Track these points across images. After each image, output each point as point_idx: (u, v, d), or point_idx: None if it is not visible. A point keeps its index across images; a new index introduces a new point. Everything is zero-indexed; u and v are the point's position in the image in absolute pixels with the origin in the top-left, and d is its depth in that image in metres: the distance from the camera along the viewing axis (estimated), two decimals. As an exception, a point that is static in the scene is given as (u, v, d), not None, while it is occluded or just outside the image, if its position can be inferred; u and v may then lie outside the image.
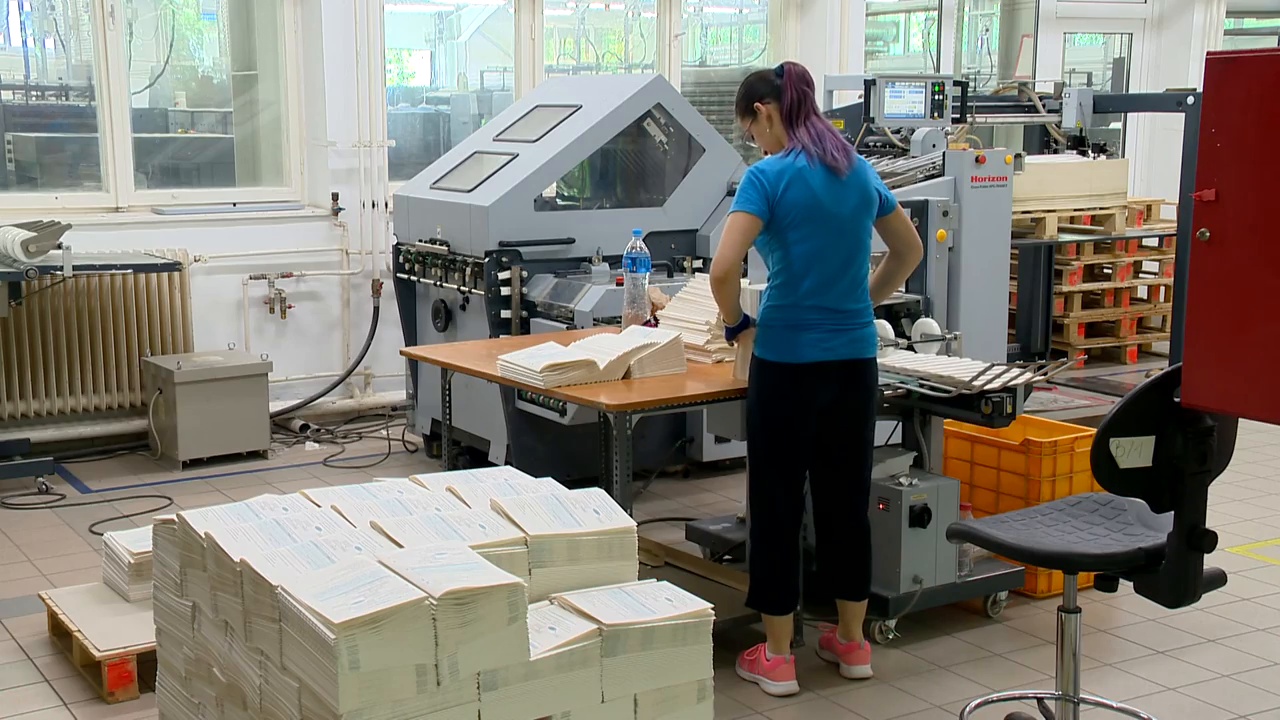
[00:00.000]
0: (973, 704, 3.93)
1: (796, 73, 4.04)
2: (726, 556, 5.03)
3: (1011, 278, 7.35)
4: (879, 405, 4.28)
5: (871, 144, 7.52)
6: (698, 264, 6.36)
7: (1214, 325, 2.76)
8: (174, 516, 3.28)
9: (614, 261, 5.96)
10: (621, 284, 5.08)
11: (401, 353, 5.87)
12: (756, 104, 4.05)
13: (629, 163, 6.91)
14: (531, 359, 4.30)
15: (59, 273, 6.05)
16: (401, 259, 6.63)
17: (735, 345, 4.25)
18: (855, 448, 4.16)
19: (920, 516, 4.35)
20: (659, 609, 3.03)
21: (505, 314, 5.99)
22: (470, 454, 6.24)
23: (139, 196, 7.19)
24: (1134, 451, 3.04)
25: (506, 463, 5.77)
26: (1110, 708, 3.94)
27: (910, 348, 4.76)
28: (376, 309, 7.56)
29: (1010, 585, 4.68)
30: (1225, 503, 5.88)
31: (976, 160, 6.30)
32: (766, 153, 4.12)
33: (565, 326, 5.73)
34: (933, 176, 6.60)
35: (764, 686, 4.12)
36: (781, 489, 4.10)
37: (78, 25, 7.42)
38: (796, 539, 4.16)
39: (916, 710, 4.00)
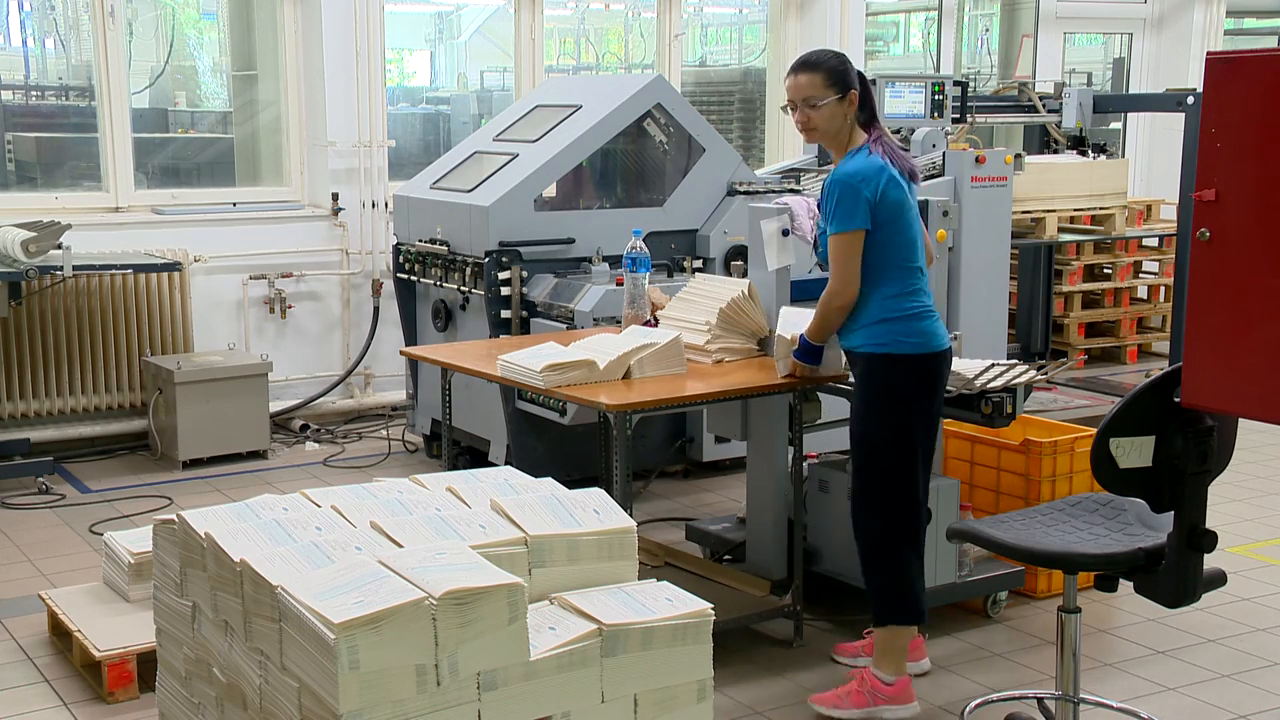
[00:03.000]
0: (973, 704, 3.93)
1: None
2: (726, 556, 5.03)
3: (1011, 278, 7.36)
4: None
5: (871, 144, 7.51)
6: (698, 264, 6.36)
7: (1214, 325, 2.76)
8: (174, 516, 3.28)
9: (614, 261, 5.96)
10: (621, 284, 5.08)
11: (401, 353, 5.87)
12: (852, 90, 3.86)
13: (629, 163, 6.91)
14: (531, 359, 4.30)
15: (59, 273, 6.05)
16: (401, 259, 6.63)
17: (784, 362, 4.13)
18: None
19: (920, 516, 4.35)
20: (659, 609, 3.03)
21: (505, 314, 5.99)
22: (470, 454, 6.24)
23: (139, 196, 7.19)
24: (1134, 451, 3.04)
25: (506, 463, 5.77)
26: (1110, 708, 3.94)
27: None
28: (376, 309, 7.57)
29: (1010, 585, 4.68)
30: (1225, 503, 5.88)
31: (976, 160, 6.30)
32: (821, 141, 3.98)
33: (565, 326, 5.73)
34: (933, 176, 6.60)
35: (890, 714, 3.89)
36: (916, 486, 3.93)
37: (78, 25, 7.42)
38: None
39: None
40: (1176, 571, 3.12)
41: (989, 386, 4.13)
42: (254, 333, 7.33)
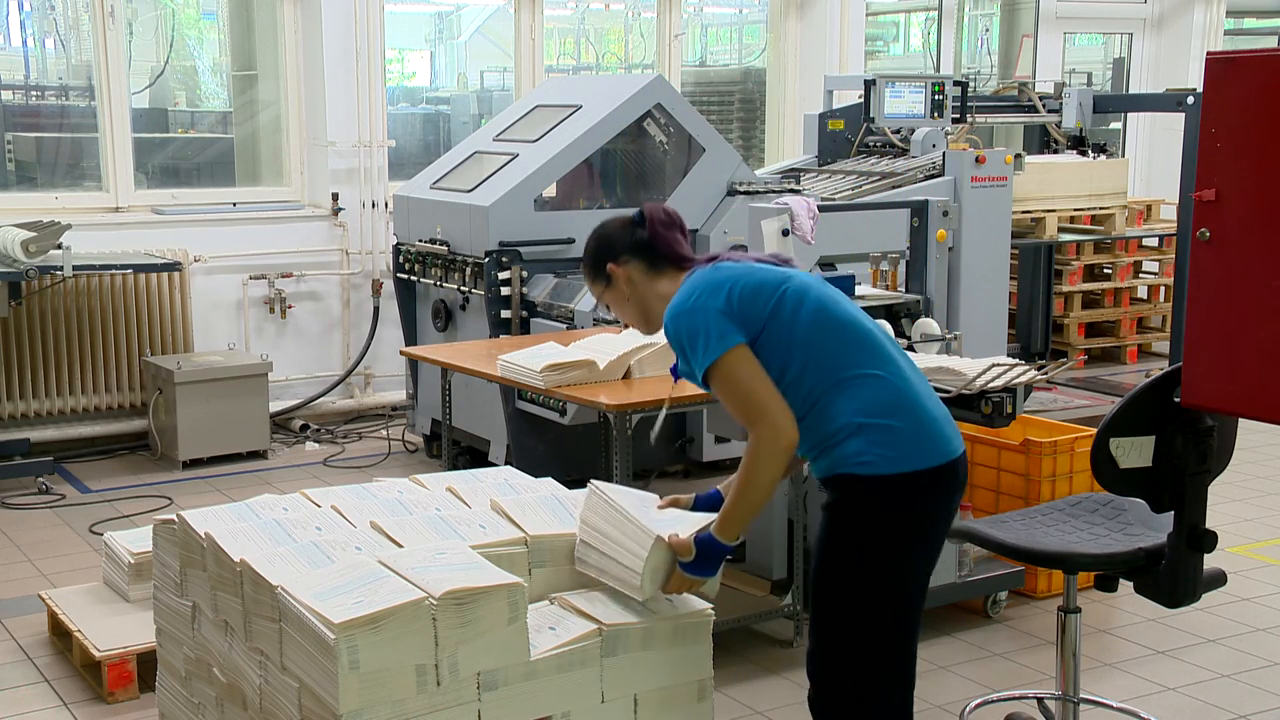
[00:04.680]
0: (973, 704, 3.93)
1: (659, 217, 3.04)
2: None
3: (1011, 278, 7.36)
4: None
5: (871, 144, 7.53)
6: (698, 264, 6.35)
7: (1214, 325, 2.76)
8: (174, 516, 3.28)
9: (614, 261, 5.95)
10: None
11: (401, 353, 5.87)
12: (609, 265, 3.05)
13: (629, 163, 6.91)
14: (531, 359, 4.30)
15: (59, 273, 6.05)
16: (401, 259, 6.63)
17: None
18: None
19: (920, 516, 4.34)
20: (659, 609, 3.03)
21: (505, 314, 5.99)
22: (470, 454, 6.24)
23: (139, 196, 7.19)
24: (1134, 451, 3.04)
25: (506, 463, 5.77)
26: (1110, 708, 3.94)
27: (910, 348, 4.76)
28: (376, 309, 7.57)
29: (1010, 585, 4.69)
30: (1225, 503, 5.88)
31: (976, 160, 6.31)
32: (650, 326, 3.11)
33: (565, 326, 5.73)
34: (933, 176, 6.61)
35: None
36: None
37: (78, 25, 7.42)
38: None
39: (917, 710, 3.98)
40: (1176, 571, 3.12)
41: (989, 386, 4.13)
42: (254, 333, 7.33)
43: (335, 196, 7.45)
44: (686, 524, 2.97)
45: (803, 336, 2.81)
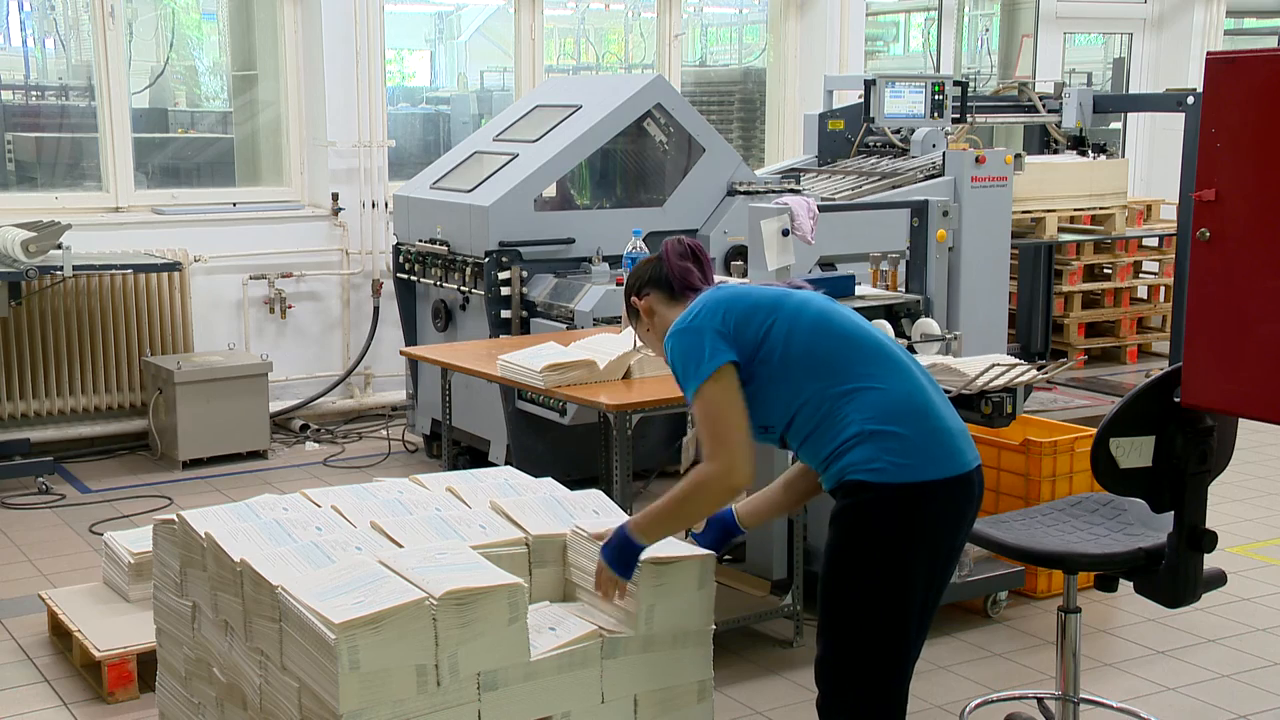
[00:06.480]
0: (973, 704, 3.93)
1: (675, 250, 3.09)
2: (726, 556, 5.02)
3: (1011, 278, 7.36)
4: None
5: (871, 144, 7.53)
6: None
7: (1214, 325, 2.76)
8: (174, 516, 3.28)
9: (614, 261, 5.96)
10: (621, 284, 5.08)
11: (401, 353, 5.87)
12: (634, 299, 3.09)
13: (629, 163, 6.91)
14: (531, 359, 4.30)
15: (59, 273, 6.06)
16: (401, 259, 6.63)
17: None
18: None
19: (920, 516, 4.33)
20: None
21: (505, 314, 5.99)
22: (470, 454, 6.24)
23: (139, 196, 7.19)
24: (1134, 451, 3.04)
25: (506, 463, 5.77)
26: (1110, 708, 3.94)
27: (910, 348, 4.76)
28: (376, 309, 7.57)
29: (1010, 585, 4.68)
30: (1225, 503, 5.88)
31: (976, 160, 6.31)
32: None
33: (565, 326, 5.74)
34: (933, 176, 6.61)
35: None
36: None
37: (78, 25, 7.42)
38: None
39: (916, 710, 3.99)
40: (1176, 571, 3.12)
41: (989, 386, 4.13)
42: (254, 333, 7.33)
43: (335, 196, 7.45)
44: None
45: (803, 350, 2.83)
